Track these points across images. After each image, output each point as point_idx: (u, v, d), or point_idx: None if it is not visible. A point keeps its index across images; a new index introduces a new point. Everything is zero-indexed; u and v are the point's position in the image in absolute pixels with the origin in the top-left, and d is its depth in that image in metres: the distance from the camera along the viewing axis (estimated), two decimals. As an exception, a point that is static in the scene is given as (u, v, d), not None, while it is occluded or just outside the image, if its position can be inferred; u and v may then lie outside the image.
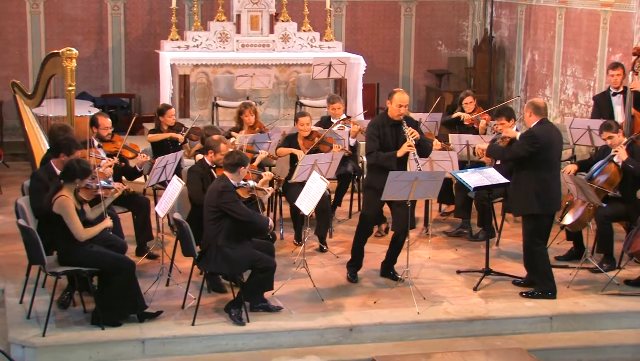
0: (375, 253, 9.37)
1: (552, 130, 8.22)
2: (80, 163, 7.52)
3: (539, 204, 8.08)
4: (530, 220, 8.19)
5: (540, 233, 8.21)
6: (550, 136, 8.09)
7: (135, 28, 15.24)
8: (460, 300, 8.25)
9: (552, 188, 8.10)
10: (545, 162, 8.05)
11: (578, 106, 13.25)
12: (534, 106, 8.21)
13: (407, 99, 8.42)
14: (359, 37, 16.05)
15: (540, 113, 8.18)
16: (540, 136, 8.04)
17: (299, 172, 9.33)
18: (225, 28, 13.98)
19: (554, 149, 8.09)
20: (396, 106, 8.35)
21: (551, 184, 8.09)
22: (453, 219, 10.60)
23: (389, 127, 8.40)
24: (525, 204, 8.16)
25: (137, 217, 9.13)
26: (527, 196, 8.12)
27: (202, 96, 13.61)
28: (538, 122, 8.15)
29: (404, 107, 8.36)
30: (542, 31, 14.29)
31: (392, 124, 8.40)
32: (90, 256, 7.46)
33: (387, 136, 8.38)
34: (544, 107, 8.24)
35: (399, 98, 8.37)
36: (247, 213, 7.61)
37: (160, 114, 10.35)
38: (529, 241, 8.22)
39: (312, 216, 9.43)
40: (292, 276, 8.58)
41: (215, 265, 7.61)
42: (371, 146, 8.40)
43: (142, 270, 8.61)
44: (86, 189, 7.56)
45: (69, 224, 7.34)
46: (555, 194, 8.17)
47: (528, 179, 8.10)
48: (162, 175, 9.06)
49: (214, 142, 8.53)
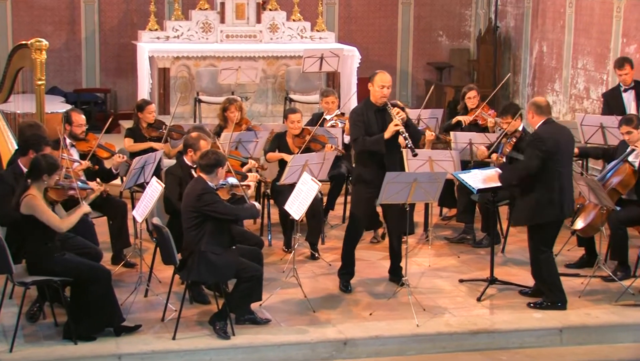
0: (371, 260, 9.40)
1: (559, 129, 8.23)
2: (46, 158, 7.50)
3: (549, 212, 8.08)
4: (536, 227, 8.21)
5: (547, 240, 8.22)
6: (557, 136, 8.10)
7: (110, 17, 15.23)
8: (463, 311, 8.27)
9: (562, 193, 8.10)
10: (554, 165, 8.05)
11: (590, 101, 13.29)
12: (535, 105, 8.24)
13: (390, 79, 8.43)
14: (353, 27, 16.08)
15: (543, 112, 8.20)
16: (546, 137, 8.06)
17: (288, 173, 9.34)
18: (208, 17, 13.99)
19: (562, 151, 8.09)
20: (378, 88, 8.37)
21: (559, 189, 8.09)
22: (455, 224, 10.63)
23: (373, 113, 8.41)
24: (532, 213, 8.16)
25: (113, 222, 9.12)
26: (533, 204, 8.11)
27: (183, 91, 13.61)
28: (542, 123, 8.17)
29: (387, 89, 8.38)
30: (551, 21, 14.34)
31: (376, 109, 8.42)
32: (62, 264, 7.45)
33: (372, 122, 8.40)
34: (546, 105, 8.25)
35: (381, 79, 8.38)
36: (232, 211, 7.63)
37: (139, 110, 10.35)
38: (534, 249, 8.24)
39: (303, 221, 9.44)
40: (281, 286, 8.59)
41: (197, 273, 7.61)
42: (356, 132, 8.41)
43: (118, 280, 8.61)
44: (56, 189, 7.54)
45: (43, 219, 7.31)
46: (566, 199, 8.17)
47: (534, 185, 8.10)
48: (140, 177, 9.06)
49: (192, 139, 8.48)
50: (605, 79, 12.89)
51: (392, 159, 8.39)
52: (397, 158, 8.46)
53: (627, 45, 12.46)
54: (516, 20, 15.46)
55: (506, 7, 15.70)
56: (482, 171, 8.67)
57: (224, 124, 10.43)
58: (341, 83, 13.93)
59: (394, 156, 8.41)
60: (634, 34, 12.35)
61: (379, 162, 8.38)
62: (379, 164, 8.37)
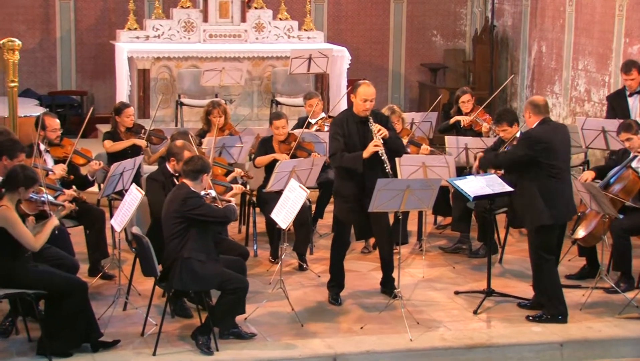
0: (361, 272, 9.40)
1: (555, 130, 8.26)
2: (25, 170, 7.48)
3: (546, 215, 8.12)
4: (536, 233, 8.24)
5: (547, 247, 8.24)
6: (551, 136, 8.13)
7: (87, 16, 15.22)
8: (459, 325, 8.28)
9: (559, 196, 8.14)
10: (549, 167, 8.09)
11: (591, 104, 13.34)
12: (532, 104, 8.28)
13: (373, 93, 8.43)
14: (342, 27, 16.10)
15: (541, 112, 8.24)
16: (539, 137, 8.09)
17: (275, 180, 9.35)
18: (190, 16, 13.99)
19: (557, 152, 8.12)
20: (361, 101, 8.39)
21: (558, 191, 8.13)
22: (450, 233, 10.64)
23: (355, 125, 8.42)
24: (532, 217, 8.21)
25: (90, 232, 9.10)
26: (532, 207, 8.16)
27: (164, 94, 13.59)
28: (538, 123, 8.21)
29: (370, 102, 8.39)
30: (551, 19, 14.39)
31: (357, 120, 8.43)
32: (35, 276, 7.43)
33: (353, 135, 8.41)
34: (543, 104, 8.29)
35: (364, 92, 8.39)
36: (221, 213, 7.68)
37: (117, 114, 10.35)
38: (536, 256, 8.27)
39: (290, 230, 9.44)
40: (267, 299, 8.59)
41: (179, 281, 7.60)
42: (334, 147, 8.43)
43: (95, 292, 8.59)
44: (29, 202, 7.54)
45: (17, 236, 7.30)
46: (564, 203, 8.20)
47: (532, 188, 8.14)
48: (119, 184, 9.05)
49: (177, 148, 8.54)
50: (607, 80, 12.93)
51: (372, 174, 8.31)
52: (378, 172, 8.36)
53: (630, 45, 12.51)
54: (514, 19, 15.51)
55: (503, 5, 15.75)
56: (478, 178, 8.68)
57: (207, 128, 10.44)
58: (330, 85, 13.95)
59: (374, 170, 8.35)
60: (637, 33, 12.41)
61: (357, 177, 8.39)
62: (358, 178, 8.39)
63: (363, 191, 8.33)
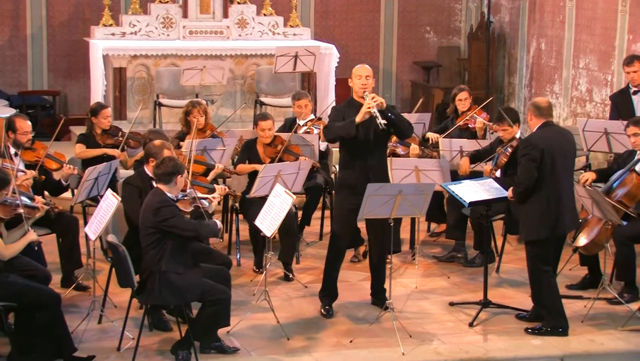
0: (351, 282, 9.41)
1: (556, 134, 8.25)
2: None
3: (544, 227, 8.12)
4: (533, 244, 8.26)
5: (545, 257, 8.26)
6: (550, 141, 8.13)
7: (59, 11, 15.20)
8: (454, 338, 8.30)
9: (559, 206, 8.14)
10: (549, 174, 8.09)
11: (593, 104, 13.39)
12: (534, 106, 8.30)
13: (369, 70, 8.56)
14: (330, 23, 16.13)
15: (542, 114, 8.26)
16: (536, 142, 8.10)
17: (259, 185, 9.35)
18: (169, 11, 13.99)
19: (556, 157, 8.12)
20: (357, 79, 8.50)
21: (558, 200, 8.14)
22: (444, 241, 10.66)
23: (356, 110, 8.45)
24: (528, 228, 8.22)
25: (63, 240, 9.09)
26: (529, 217, 8.17)
27: (141, 94, 13.60)
28: (539, 126, 8.23)
29: (366, 78, 8.50)
30: (550, 15, 14.44)
31: (358, 106, 8.47)
32: (4, 288, 7.41)
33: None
34: (546, 107, 8.30)
35: (359, 70, 8.54)
36: (193, 227, 7.63)
37: (94, 115, 10.33)
38: (533, 267, 8.29)
39: (275, 238, 9.44)
40: (251, 311, 8.59)
41: (158, 296, 7.60)
42: (330, 120, 8.56)
43: (69, 305, 8.58)
44: (3, 206, 7.53)
45: (-15, 242, 7.31)
46: (565, 213, 8.21)
47: (530, 197, 8.14)
48: (94, 189, 9.04)
49: (155, 148, 8.50)
50: (610, 79, 12.99)
51: (376, 162, 8.43)
52: (383, 162, 8.51)
53: (633, 42, 12.56)
54: (511, 14, 15.56)
55: (500, 0, 15.80)
56: (474, 182, 8.71)
57: (186, 129, 10.44)
58: (317, 84, 13.96)
59: (378, 159, 8.45)
60: (641, 30, 12.47)
61: (361, 167, 8.43)
62: (362, 168, 8.43)
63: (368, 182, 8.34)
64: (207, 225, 7.79)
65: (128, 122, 12.45)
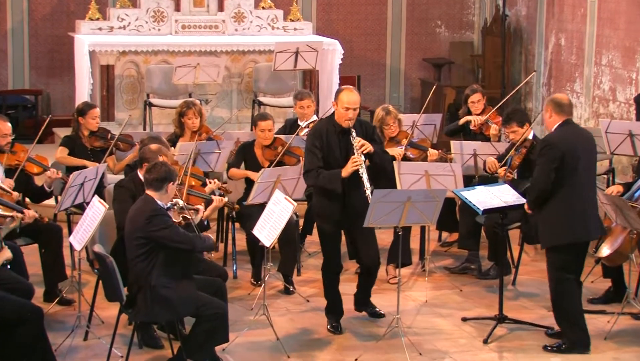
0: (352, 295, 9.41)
1: (577, 133, 8.27)
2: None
3: (566, 232, 8.14)
4: (555, 251, 8.27)
5: (568, 265, 8.26)
6: (573, 141, 8.14)
7: (42, 4, 15.23)
8: (467, 356, 8.30)
9: (581, 211, 8.15)
10: (570, 176, 8.11)
11: (616, 104, 13.40)
12: (555, 102, 8.28)
13: (357, 100, 8.36)
14: (334, 17, 16.14)
15: (564, 111, 8.25)
16: (558, 142, 8.10)
17: (257, 190, 9.36)
18: (160, 4, 14.01)
19: (578, 159, 8.13)
20: (342, 109, 8.33)
21: (579, 205, 8.14)
22: (457, 251, 10.67)
23: (336, 135, 8.40)
24: (549, 234, 8.23)
25: (46, 251, 9.10)
26: (547, 223, 8.18)
27: (130, 93, 13.62)
28: (560, 125, 8.22)
29: (354, 111, 8.33)
30: (570, 8, 14.45)
31: (339, 130, 8.41)
32: (-16, 302, 7.44)
33: (334, 147, 8.39)
34: (567, 103, 8.31)
35: (346, 99, 8.34)
36: (187, 239, 7.62)
37: (81, 115, 10.31)
38: (554, 276, 8.28)
39: (275, 248, 9.45)
40: (248, 326, 8.59)
41: (149, 312, 7.60)
42: (310, 162, 8.39)
43: (52, 320, 8.59)
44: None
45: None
46: (587, 218, 8.22)
47: (550, 201, 8.15)
48: (79, 196, 9.04)
49: (151, 153, 8.50)
50: (635, 77, 12.99)
51: (354, 189, 8.31)
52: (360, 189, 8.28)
53: (660, 37, 12.59)
54: (528, 7, 15.58)
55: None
56: (489, 188, 8.71)
57: (180, 132, 10.45)
58: (320, 83, 13.98)
59: (356, 186, 8.30)
60: (668, 24, 12.49)
61: (338, 194, 8.37)
62: (338, 195, 8.37)
63: (345, 211, 8.34)
64: (203, 238, 7.79)
65: (115, 124, 12.49)
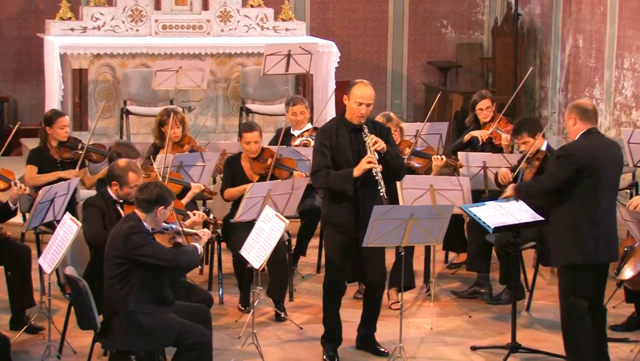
0: (354, 321, 9.39)
1: (602, 145, 8.26)
2: None
3: (575, 252, 8.11)
4: (567, 272, 8.24)
5: (578, 289, 8.23)
6: (596, 154, 8.13)
7: (8, 2, 15.24)
8: (477, 389, 8.32)
9: (600, 228, 8.14)
10: (584, 192, 8.09)
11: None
12: (579, 109, 8.25)
13: (371, 95, 8.45)
14: (330, 16, 16.17)
15: (589, 118, 8.20)
16: (578, 153, 8.09)
17: (245, 207, 9.35)
18: (138, 3, 14.03)
19: (600, 174, 8.13)
20: (354, 104, 8.40)
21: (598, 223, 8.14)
22: (465, 274, 10.67)
23: (347, 134, 8.45)
24: (559, 252, 8.22)
25: (12, 274, 9.08)
26: (560, 240, 8.17)
27: (105, 100, 13.61)
28: (582, 134, 8.21)
29: (367, 107, 8.41)
30: (589, 7, 14.49)
31: (351, 128, 8.47)
32: (-56, 330, 7.43)
33: (344, 147, 8.43)
34: (593, 110, 8.27)
35: (359, 93, 8.41)
36: (170, 255, 7.62)
37: (48, 124, 10.32)
38: (563, 302, 8.25)
39: (265, 271, 9.44)
40: (236, 357, 8.59)
41: (125, 340, 7.59)
42: (318, 162, 8.44)
43: (20, 350, 8.57)
44: None
45: None
46: (607, 237, 8.21)
47: (565, 217, 8.14)
48: (49, 213, 9.04)
49: (119, 170, 8.45)
50: (660, 82, 13.05)
51: (370, 197, 8.36)
52: (376, 194, 8.37)
53: (687, 38, 12.62)
54: (543, 5, 15.61)
55: (530, -11, 15.87)
56: (500, 204, 8.70)
57: (160, 142, 10.44)
58: (314, 88, 13.99)
59: (373, 191, 8.36)
60: (696, 23, 12.52)
61: (351, 201, 8.41)
62: (351, 202, 8.41)
63: (358, 220, 8.34)
64: (185, 252, 7.77)
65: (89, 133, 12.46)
